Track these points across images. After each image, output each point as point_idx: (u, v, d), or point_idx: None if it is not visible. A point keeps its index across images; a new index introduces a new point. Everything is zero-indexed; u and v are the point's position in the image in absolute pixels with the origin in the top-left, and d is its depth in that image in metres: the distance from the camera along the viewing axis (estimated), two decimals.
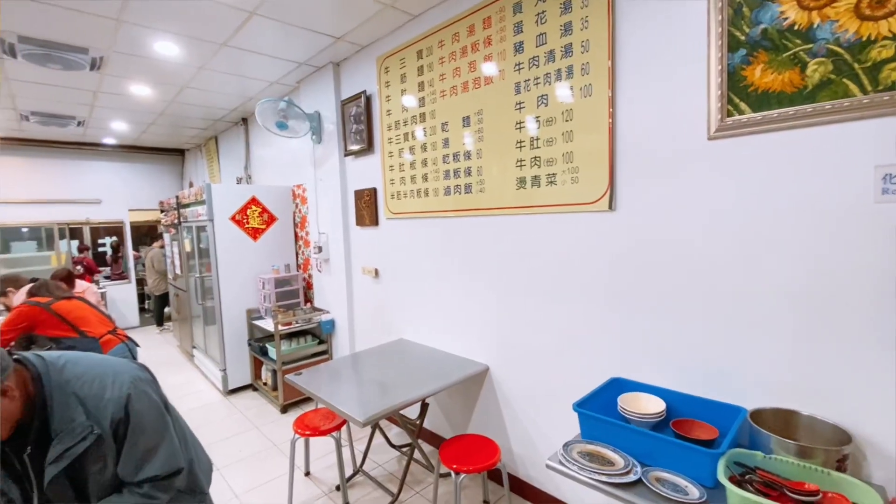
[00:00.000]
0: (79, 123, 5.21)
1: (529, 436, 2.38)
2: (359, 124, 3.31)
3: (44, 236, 6.76)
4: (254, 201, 4.07)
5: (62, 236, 6.75)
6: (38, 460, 1.06)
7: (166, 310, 6.67)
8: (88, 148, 6.58)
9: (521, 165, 2.22)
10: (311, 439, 2.79)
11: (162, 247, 6.18)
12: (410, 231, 2.99)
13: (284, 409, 3.63)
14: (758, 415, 1.49)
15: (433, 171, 2.73)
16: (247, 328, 4.06)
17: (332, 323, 3.77)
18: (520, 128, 2.21)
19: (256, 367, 4.07)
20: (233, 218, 3.94)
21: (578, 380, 2.11)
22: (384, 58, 3.02)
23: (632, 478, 1.35)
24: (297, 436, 2.41)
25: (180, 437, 1.31)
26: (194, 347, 4.96)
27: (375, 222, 3.27)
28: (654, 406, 1.67)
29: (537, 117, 2.13)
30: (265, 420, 3.52)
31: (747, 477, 1.28)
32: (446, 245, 2.73)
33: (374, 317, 3.44)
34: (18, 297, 2.69)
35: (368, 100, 3.22)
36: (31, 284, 2.77)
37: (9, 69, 3.45)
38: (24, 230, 6.58)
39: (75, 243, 7.06)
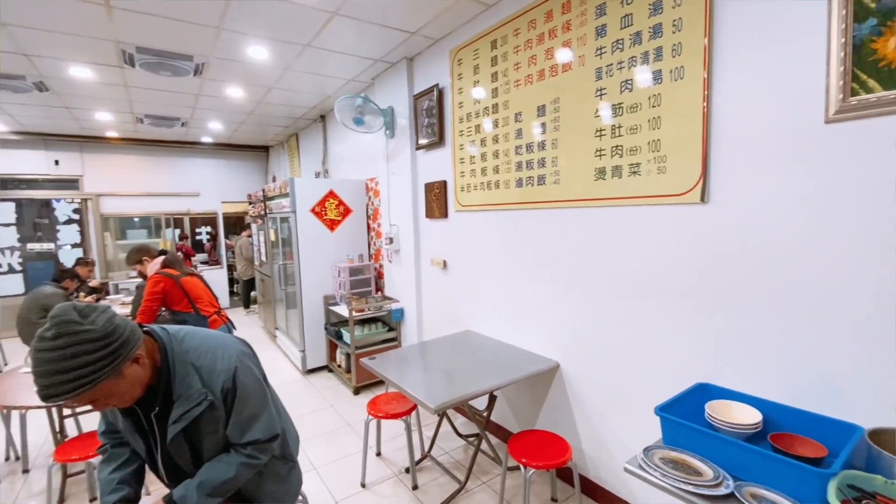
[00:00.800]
0: (182, 124, 5.82)
1: (601, 436, 2.31)
2: (430, 118, 3.36)
3: (152, 225, 7.69)
4: (331, 194, 4.30)
5: (167, 225, 7.62)
6: (162, 420, 1.21)
7: (252, 293, 7.31)
8: (189, 146, 7.34)
9: (600, 155, 2.13)
10: (383, 421, 2.92)
11: (249, 236, 6.75)
12: (480, 223, 3.00)
13: (357, 391, 3.83)
14: (878, 435, 1.31)
15: (504, 162, 2.71)
16: (324, 313, 4.33)
17: (401, 312, 3.90)
18: (600, 115, 2.12)
19: (332, 349, 4.33)
20: (312, 210, 4.20)
21: (658, 383, 2.00)
22: (457, 50, 3.03)
23: (723, 490, 1.26)
24: (370, 417, 2.53)
25: (275, 407, 1.44)
26: (277, 329, 5.39)
27: (445, 214, 3.31)
28: (747, 416, 1.53)
29: (620, 104, 2.02)
30: (339, 400, 3.74)
31: (864, 502, 1.14)
32: (516, 237, 2.70)
33: (441, 307, 3.51)
34: (153, 266, 3.02)
35: (440, 93, 3.25)
36: (162, 256, 3.11)
37: (128, 77, 3.94)
38: (136, 220, 7.51)
39: (178, 231, 7.93)
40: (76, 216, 6.80)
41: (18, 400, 2.28)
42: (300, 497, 1.59)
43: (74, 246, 6.82)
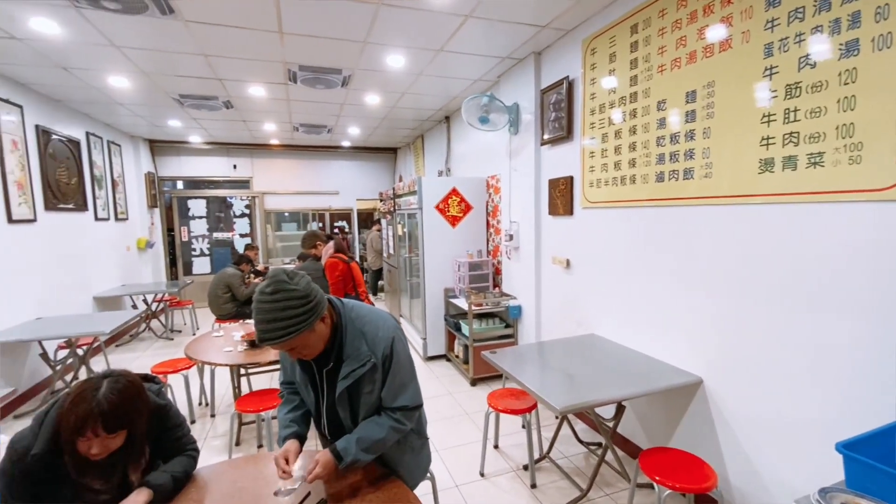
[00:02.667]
0: (328, 130, 6.60)
1: (754, 467, 2.01)
2: (558, 112, 3.27)
3: (300, 219, 8.87)
4: (454, 192, 4.47)
5: (312, 219, 8.73)
6: (332, 376, 1.41)
7: (380, 283, 7.98)
8: (331, 150, 8.29)
9: (767, 144, 1.84)
10: (501, 416, 2.96)
11: (379, 230, 7.37)
12: (610, 221, 2.83)
13: (474, 383, 3.94)
14: None
15: (642, 155, 2.51)
16: (444, 304, 4.53)
17: (519, 309, 3.89)
18: (768, 98, 1.83)
19: (450, 340, 4.51)
20: (437, 207, 4.42)
21: (837, 413, 1.67)
22: (591, 39, 2.89)
23: None
24: (490, 409, 2.58)
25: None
26: (401, 316, 5.81)
27: (570, 212, 3.20)
28: None
29: (796, 84, 1.72)
30: (457, 389, 3.89)
31: None
32: (654, 237, 2.49)
33: (562, 308, 3.40)
34: (326, 250, 3.56)
35: (570, 85, 3.14)
36: (332, 241, 3.64)
37: (290, 92, 4.59)
38: (286, 214, 8.72)
39: (320, 224, 9.01)
40: (247, 211, 8.20)
41: (210, 357, 2.84)
42: (428, 473, 1.70)
43: (243, 235, 8.24)
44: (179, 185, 8.02)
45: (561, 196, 3.28)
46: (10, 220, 3.75)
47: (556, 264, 3.42)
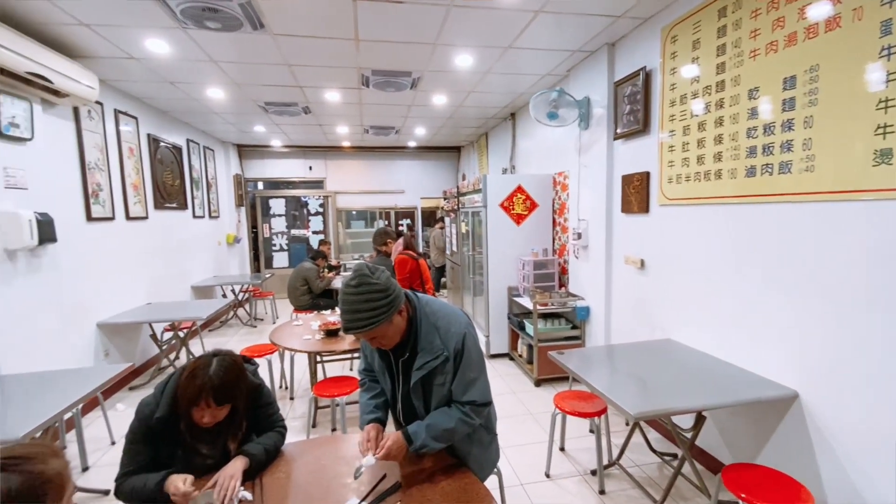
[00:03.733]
0: (396, 131, 6.82)
1: (858, 492, 1.80)
2: (633, 104, 3.12)
3: (367, 217, 9.26)
4: (519, 189, 4.43)
5: (379, 217, 9.07)
6: (407, 366, 1.48)
7: (442, 279, 8.11)
8: (398, 150, 8.56)
9: (884, 132, 1.63)
10: (568, 417, 2.89)
11: (442, 228, 7.49)
12: (691, 219, 2.65)
13: (538, 383, 3.89)
14: None
15: (730, 148, 2.32)
16: (507, 303, 4.51)
17: (586, 310, 3.77)
18: (884, 81, 1.62)
19: (513, 338, 4.49)
20: (501, 204, 4.41)
21: None
22: (671, 26, 2.72)
23: None
24: (557, 411, 2.54)
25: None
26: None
27: (645, 209, 3.05)
28: None
29: None
30: (520, 388, 3.86)
31: None
32: (742, 236, 2.30)
33: (635, 310, 3.25)
34: (396, 247, 3.73)
35: (647, 76, 2.99)
36: (402, 238, 3.80)
37: (363, 96, 4.81)
38: (353, 213, 9.13)
39: (385, 222, 9.34)
40: (321, 209, 8.72)
41: (291, 344, 3.07)
42: (496, 469, 1.72)
43: (316, 232, 8.78)
44: (259, 185, 8.71)
45: (635, 193, 3.13)
46: (128, 217, 4.32)
47: (628, 264, 3.27)
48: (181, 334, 4.37)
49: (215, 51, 3.40)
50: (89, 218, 3.70)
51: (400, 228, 9.66)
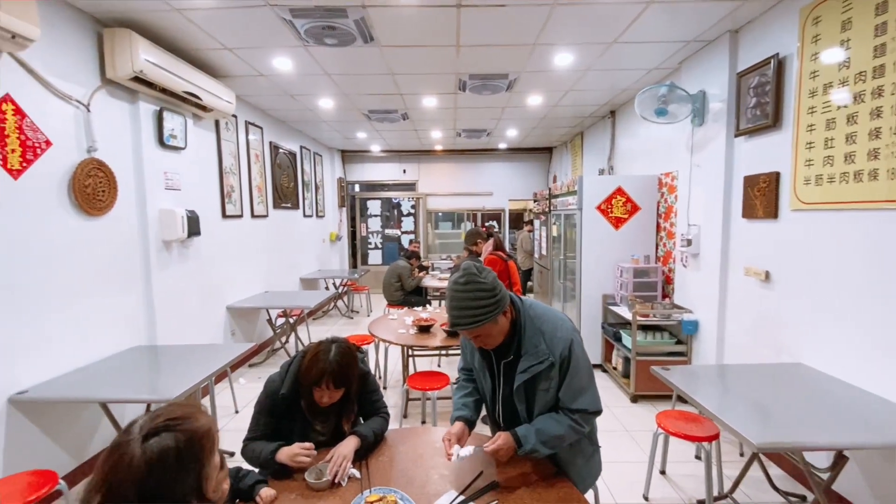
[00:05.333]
0: (487, 134, 6.87)
1: None
2: (760, 96, 2.78)
3: (454, 218, 9.43)
4: (619, 191, 4.19)
5: (467, 219, 9.20)
6: (510, 368, 1.48)
7: (528, 283, 7.97)
8: (487, 152, 8.60)
9: None
10: (671, 439, 2.67)
11: (530, 231, 7.36)
12: (833, 226, 2.29)
13: (635, 399, 3.64)
14: None
15: (890, 143, 1.96)
16: (601, 311, 4.29)
17: (695, 324, 3.44)
18: None
19: (607, 349, 4.25)
20: (598, 207, 4.20)
21: None
22: (814, 6, 2.38)
23: None
24: (660, 431, 2.36)
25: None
26: None
27: (773, 214, 2.69)
28: None
29: None
30: (615, 403, 3.64)
31: None
32: None
33: (755, 328, 2.89)
34: (486, 247, 3.79)
35: (780, 64, 2.64)
36: (492, 239, 3.85)
37: (458, 100, 4.92)
38: (440, 214, 9.33)
39: (471, 224, 9.43)
40: (412, 210, 9.10)
41: (387, 337, 3.24)
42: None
43: (405, 233, 9.17)
44: (356, 188, 9.33)
45: (761, 195, 2.78)
46: (253, 215, 4.92)
47: (749, 276, 2.92)
48: (291, 320, 4.86)
49: (329, 64, 3.72)
50: (224, 215, 4.29)
51: (492, 230, 9.70)
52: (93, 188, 2.69)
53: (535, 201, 6.84)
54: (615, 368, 4.06)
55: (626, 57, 3.59)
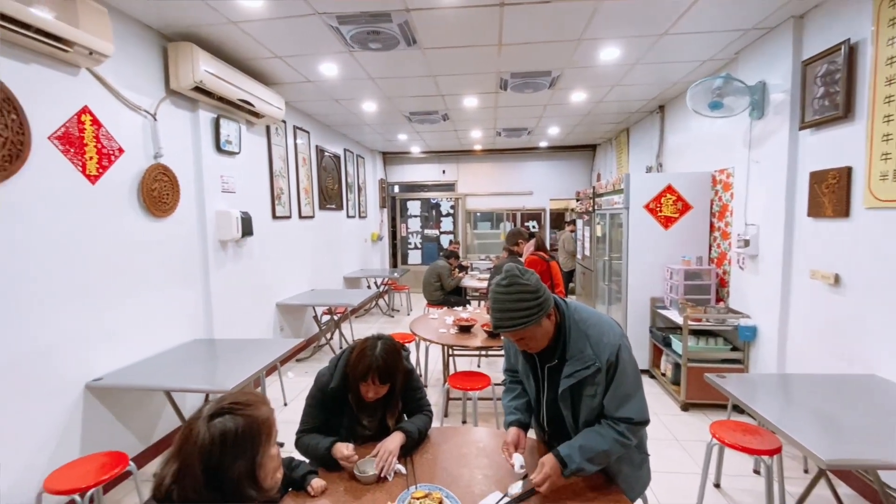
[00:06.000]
0: (528, 132, 6.78)
1: None
2: (829, 86, 2.58)
3: (493, 218, 9.36)
4: (669, 189, 4.01)
5: (506, 219, 9.11)
6: (554, 373, 1.45)
7: (570, 285, 7.79)
8: (528, 151, 8.49)
9: None
10: (726, 451, 2.53)
11: (573, 231, 7.20)
12: None
13: (685, 407, 3.47)
14: None
15: None
16: (649, 315, 4.12)
17: (753, 330, 3.23)
18: None
19: (655, 355, 4.08)
20: (646, 206, 4.04)
21: None
22: None
23: None
24: (714, 441, 2.24)
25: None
26: None
27: (843, 212, 2.49)
28: None
29: None
30: (664, 410, 3.49)
31: None
32: None
33: (823, 336, 2.68)
34: (528, 248, 3.74)
35: (852, 50, 2.43)
36: (533, 239, 3.79)
37: (499, 99, 4.89)
38: (478, 214, 9.29)
39: (510, 224, 9.32)
40: (451, 211, 9.13)
41: (428, 335, 3.26)
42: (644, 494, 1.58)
43: (444, 233, 9.21)
44: (395, 189, 9.47)
45: (830, 192, 2.57)
46: (300, 216, 5.11)
47: (816, 279, 2.71)
48: (336, 318, 5.01)
49: (372, 69, 3.80)
50: (274, 216, 4.49)
51: (532, 230, 9.57)
52: (158, 192, 2.90)
53: (577, 200, 6.66)
54: (664, 375, 3.89)
55: (677, 49, 3.43)
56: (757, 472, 2.64)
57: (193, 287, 3.27)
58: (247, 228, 3.61)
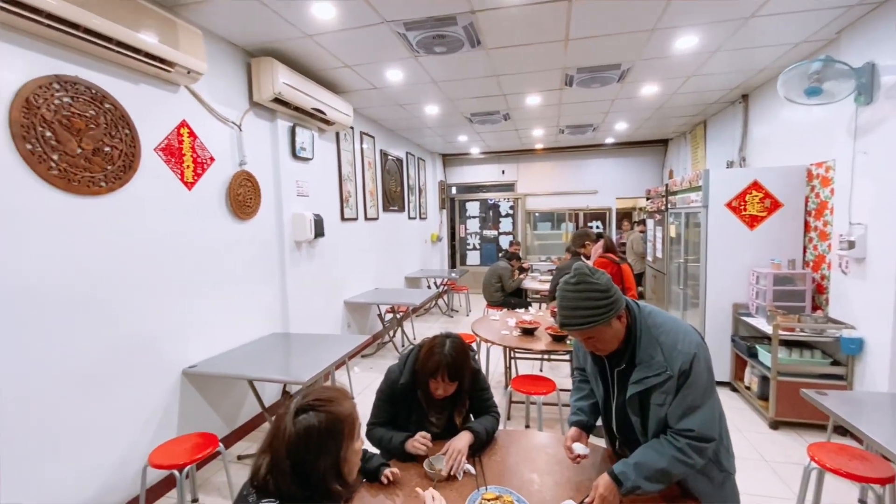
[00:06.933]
0: (593, 129, 6.53)
1: None
2: None
3: (554, 219, 9.11)
4: (755, 185, 3.67)
5: (569, 220, 8.84)
6: (623, 377, 1.39)
7: (639, 289, 7.39)
8: (592, 148, 8.17)
9: None
10: (827, 476, 2.26)
11: (642, 231, 6.82)
12: None
13: (775, 425, 3.15)
14: None
15: None
16: (731, 322, 3.80)
17: (859, 343, 2.86)
18: None
19: (737, 365, 3.75)
20: (728, 204, 3.73)
21: None
22: None
23: None
24: (813, 465, 2.01)
25: (717, 411, 1.37)
26: None
27: None
28: None
29: None
30: (748, 427, 3.20)
31: None
32: None
33: None
34: (595, 249, 3.61)
35: None
36: (602, 240, 3.64)
37: (563, 96, 4.76)
38: (537, 214, 9.06)
39: (572, 225, 9.01)
40: (511, 211, 9.03)
41: (490, 337, 3.23)
42: None
43: (502, 233, 9.11)
44: (453, 190, 9.53)
45: None
46: (366, 218, 5.32)
47: None
48: (398, 316, 5.15)
49: (436, 72, 3.86)
50: (342, 218, 4.71)
51: (598, 231, 9.21)
52: (243, 196, 3.15)
53: (647, 199, 6.30)
54: (748, 388, 3.56)
55: (765, 32, 3.13)
56: (863, 502, 2.34)
57: (272, 284, 3.51)
58: (319, 230, 3.81)
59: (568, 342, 2.94)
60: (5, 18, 1.80)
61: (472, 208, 9.34)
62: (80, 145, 2.12)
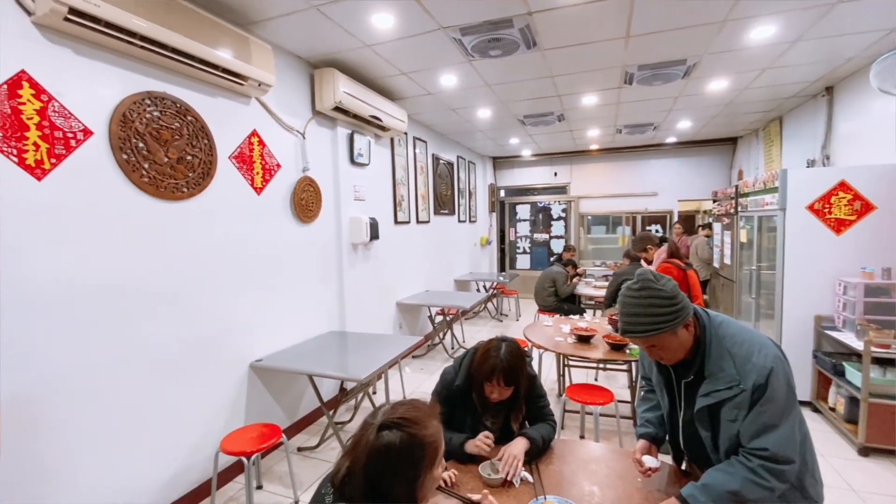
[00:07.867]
0: (654, 128, 6.23)
1: None
2: None
3: (609, 222, 8.76)
4: (842, 186, 3.33)
5: (625, 223, 8.48)
6: (691, 390, 1.32)
7: (703, 297, 6.93)
8: (652, 148, 7.79)
9: None
10: None
11: (708, 235, 6.40)
12: None
13: (865, 452, 2.83)
14: None
15: None
16: (813, 336, 3.46)
17: None
18: None
19: (820, 384, 3.41)
20: (810, 207, 3.41)
21: None
22: None
23: None
24: None
25: (800, 433, 1.25)
26: None
27: None
28: None
29: None
30: (833, 452, 2.90)
31: None
32: None
33: None
34: (658, 254, 3.46)
35: None
36: (666, 244, 3.48)
37: (621, 95, 4.58)
38: (589, 217, 8.74)
39: (628, 228, 8.61)
40: (563, 214, 8.81)
41: (543, 343, 3.16)
42: None
43: (554, 237, 8.89)
44: (502, 193, 9.43)
45: None
46: (418, 221, 5.41)
47: None
48: (448, 318, 5.18)
49: (489, 75, 3.86)
50: (396, 222, 4.82)
51: (660, 235, 8.77)
52: (306, 200, 3.32)
53: (714, 201, 5.91)
54: (832, 409, 3.23)
55: (854, 18, 2.84)
56: None
57: (330, 285, 3.66)
58: (374, 233, 3.93)
59: (628, 352, 2.81)
60: (105, 42, 2.02)
61: (523, 211, 9.21)
62: (167, 155, 2.33)
